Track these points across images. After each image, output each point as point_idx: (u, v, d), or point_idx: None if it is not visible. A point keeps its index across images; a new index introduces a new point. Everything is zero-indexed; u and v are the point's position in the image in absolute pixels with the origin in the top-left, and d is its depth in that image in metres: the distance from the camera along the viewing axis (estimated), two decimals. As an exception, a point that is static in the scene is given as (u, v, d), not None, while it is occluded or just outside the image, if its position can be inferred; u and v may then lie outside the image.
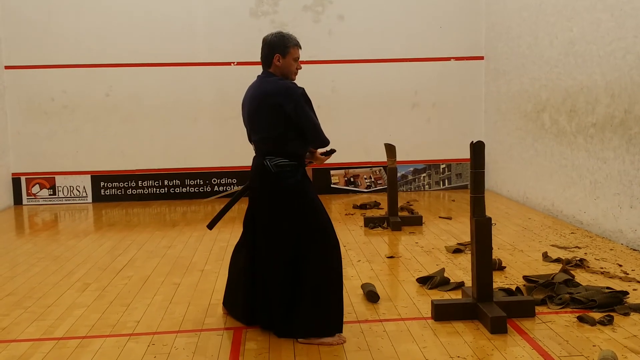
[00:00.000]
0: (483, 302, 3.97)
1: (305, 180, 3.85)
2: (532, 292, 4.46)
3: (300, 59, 3.90)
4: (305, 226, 3.76)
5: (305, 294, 3.71)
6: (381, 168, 9.45)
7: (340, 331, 3.76)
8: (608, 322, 3.86)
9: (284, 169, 3.76)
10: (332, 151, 4.07)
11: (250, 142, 3.97)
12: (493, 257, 4.58)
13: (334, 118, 9.10)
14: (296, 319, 3.72)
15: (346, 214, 7.84)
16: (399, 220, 6.85)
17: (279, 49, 3.79)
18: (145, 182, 9.31)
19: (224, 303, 4.24)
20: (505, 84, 8.64)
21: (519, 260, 5.45)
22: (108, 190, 9.28)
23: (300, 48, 3.88)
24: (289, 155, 3.77)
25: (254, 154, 3.93)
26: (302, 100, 3.71)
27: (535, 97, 7.69)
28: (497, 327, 3.76)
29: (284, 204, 3.77)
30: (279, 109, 3.69)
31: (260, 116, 3.78)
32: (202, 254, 5.99)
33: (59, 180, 9.23)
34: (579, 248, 5.78)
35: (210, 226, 4.26)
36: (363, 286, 4.66)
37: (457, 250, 5.79)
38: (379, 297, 4.44)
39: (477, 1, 9.36)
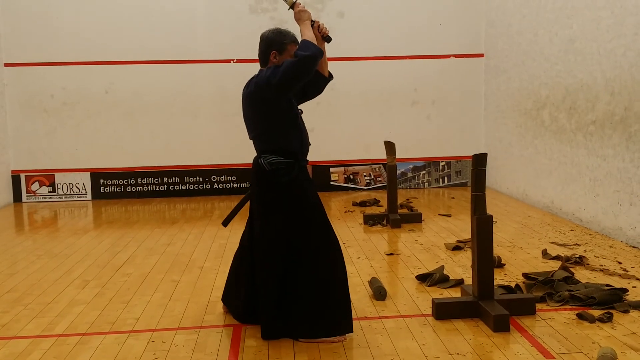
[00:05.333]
0: (484, 300, 3.96)
1: (301, 178, 3.76)
2: (531, 289, 4.46)
3: None
4: (301, 226, 3.70)
5: (301, 295, 3.66)
6: (381, 165, 9.45)
7: (346, 332, 3.70)
8: (607, 319, 3.87)
9: (278, 167, 3.70)
10: (329, 38, 3.99)
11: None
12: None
13: (334, 115, 9.10)
14: (293, 320, 3.68)
15: (345, 212, 7.84)
16: (398, 217, 6.85)
17: (275, 46, 3.72)
18: (145, 180, 9.30)
19: (222, 299, 4.23)
20: (505, 82, 8.64)
21: (519, 257, 5.45)
22: (108, 188, 9.27)
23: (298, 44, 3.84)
24: (283, 153, 3.71)
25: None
26: (272, 69, 3.62)
27: (535, 94, 7.68)
28: (500, 326, 3.75)
29: (278, 203, 3.71)
30: (265, 103, 3.64)
31: (251, 114, 3.75)
32: (201, 251, 5.99)
33: (59, 178, 9.23)
34: (579, 245, 5.78)
35: (225, 223, 4.23)
36: (371, 281, 4.64)
37: (456, 248, 5.79)
38: (385, 296, 4.40)
39: (477, -2, 9.36)
